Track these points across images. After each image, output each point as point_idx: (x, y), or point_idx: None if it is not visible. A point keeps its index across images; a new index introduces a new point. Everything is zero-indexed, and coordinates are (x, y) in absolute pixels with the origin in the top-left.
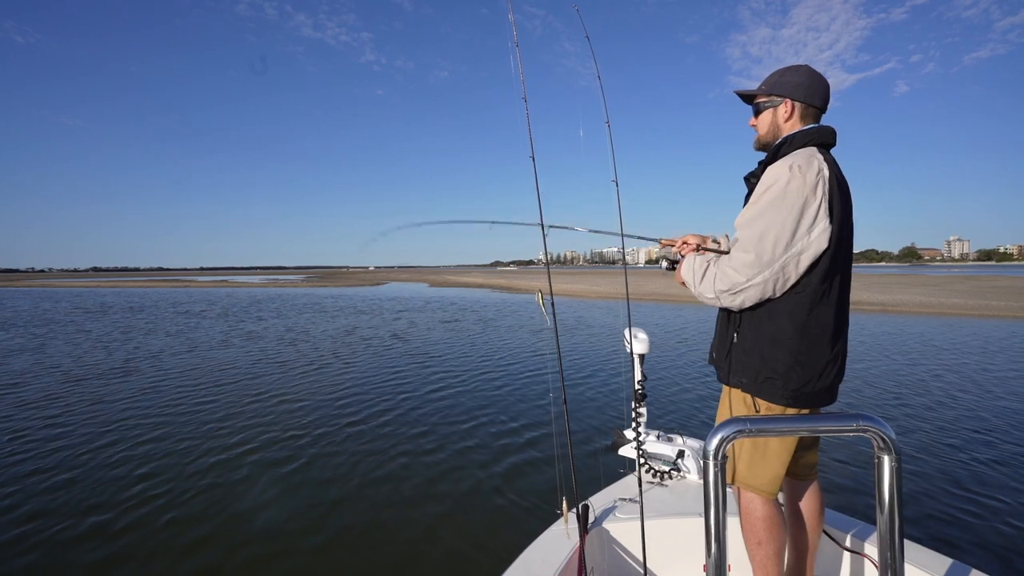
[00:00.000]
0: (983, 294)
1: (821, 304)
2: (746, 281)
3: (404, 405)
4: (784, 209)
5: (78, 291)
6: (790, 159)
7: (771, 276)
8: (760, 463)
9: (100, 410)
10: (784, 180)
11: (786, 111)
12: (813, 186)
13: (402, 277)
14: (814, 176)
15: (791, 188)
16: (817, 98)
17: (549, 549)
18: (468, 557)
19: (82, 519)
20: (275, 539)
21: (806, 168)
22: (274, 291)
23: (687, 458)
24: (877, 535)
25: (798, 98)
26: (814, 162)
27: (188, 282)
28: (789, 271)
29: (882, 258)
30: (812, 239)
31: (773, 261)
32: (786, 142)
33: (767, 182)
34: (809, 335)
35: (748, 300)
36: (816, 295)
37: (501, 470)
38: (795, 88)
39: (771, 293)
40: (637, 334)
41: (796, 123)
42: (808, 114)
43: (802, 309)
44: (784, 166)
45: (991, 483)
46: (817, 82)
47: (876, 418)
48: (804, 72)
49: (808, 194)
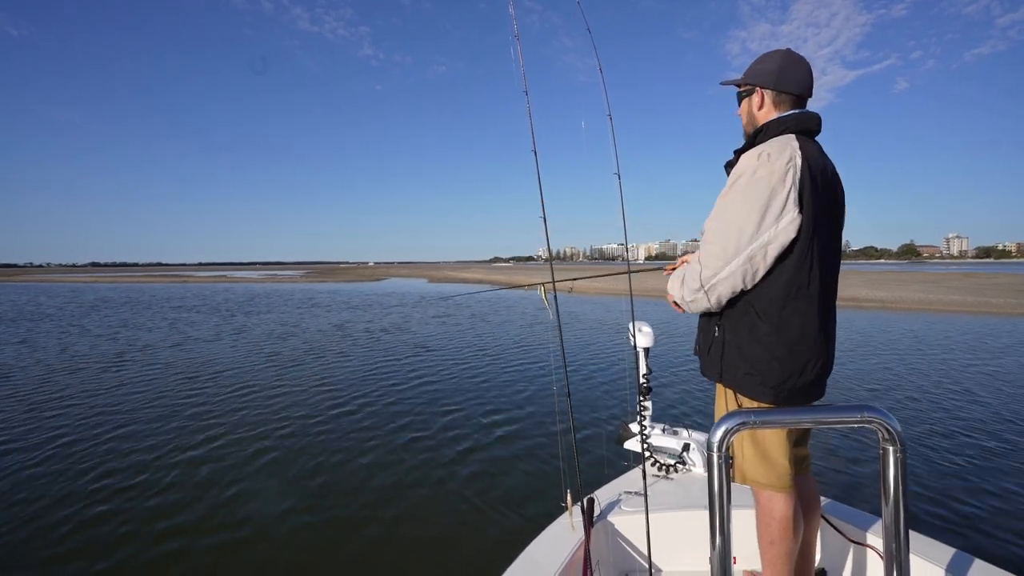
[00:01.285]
0: (982, 291)
1: (797, 298)
2: (713, 275)
3: (407, 400)
4: (751, 199)
5: (75, 286)
6: (762, 147)
7: (738, 267)
8: (764, 459)
9: (70, 405)
10: (752, 169)
11: (758, 100)
12: (782, 175)
13: (402, 273)
14: (783, 164)
15: (758, 177)
16: (791, 85)
17: (554, 542)
18: (472, 552)
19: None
20: (275, 536)
21: (776, 156)
22: (272, 287)
23: (693, 451)
24: (882, 526)
25: (768, 86)
26: (787, 150)
27: (186, 277)
28: (757, 262)
29: (881, 255)
30: (779, 229)
31: (739, 252)
32: (762, 130)
33: (737, 172)
34: (785, 330)
35: (723, 295)
36: (790, 288)
37: (506, 463)
38: (765, 76)
39: (742, 285)
40: (641, 328)
41: (770, 111)
42: (782, 101)
43: (775, 303)
44: (754, 155)
45: (996, 473)
46: (790, 67)
47: (881, 409)
48: (776, 59)
49: (776, 183)
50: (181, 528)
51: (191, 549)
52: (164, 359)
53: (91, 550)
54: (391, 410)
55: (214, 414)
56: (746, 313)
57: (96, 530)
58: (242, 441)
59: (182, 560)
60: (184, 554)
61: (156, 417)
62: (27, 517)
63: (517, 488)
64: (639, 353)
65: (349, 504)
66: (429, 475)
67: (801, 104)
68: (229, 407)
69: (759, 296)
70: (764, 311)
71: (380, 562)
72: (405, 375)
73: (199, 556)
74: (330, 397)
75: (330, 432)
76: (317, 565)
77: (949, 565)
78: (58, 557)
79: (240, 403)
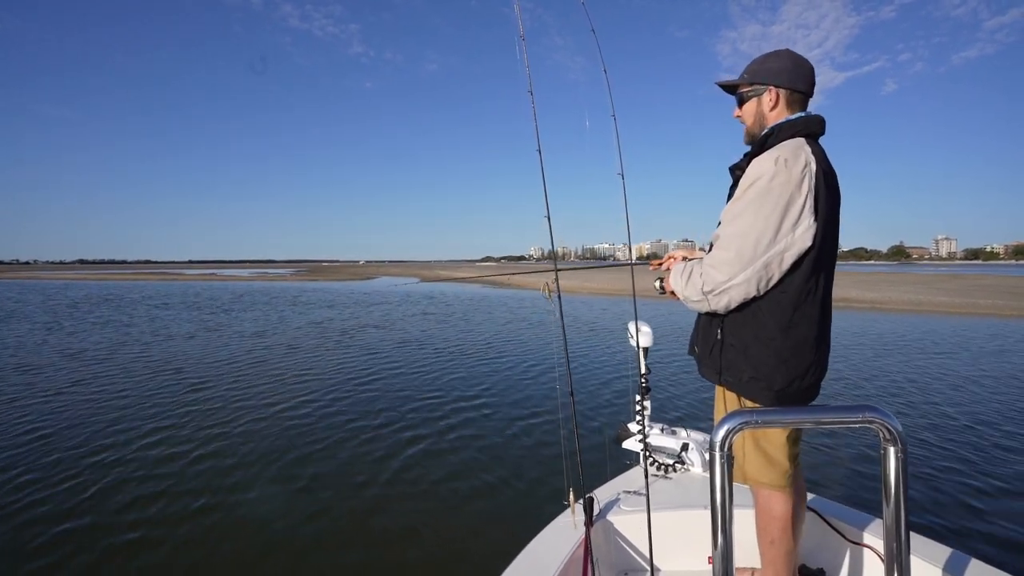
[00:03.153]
0: (970, 292)
1: (806, 303)
2: (727, 280)
3: (409, 399)
4: (768, 205)
5: (62, 283)
6: (776, 151)
7: (753, 274)
8: (766, 459)
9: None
10: (769, 175)
11: (771, 99)
12: (799, 181)
13: (393, 271)
14: (800, 171)
15: (776, 183)
16: (801, 82)
17: (555, 540)
18: (474, 548)
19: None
20: (274, 537)
21: (792, 162)
22: (260, 284)
23: (691, 451)
24: (883, 526)
25: (782, 84)
26: (801, 155)
27: (175, 275)
28: (772, 269)
29: (871, 256)
30: (796, 237)
31: (755, 259)
32: (772, 132)
33: (752, 176)
34: (793, 335)
35: (734, 300)
36: (800, 294)
37: (507, 462)
38: (778, 74)
39: (755, 292)
40: (641, 327)
41: (783, 111)
42: (794, 100)
43: (786, 308)
44: (770, 159)
45: (996, 474)
46: (800, 66)
47: (882, 409)
48: (786, 57)
49: (793, 190)
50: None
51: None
52: (136, 357)
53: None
54: (390, 409)
55: (227, 419)
56: (754, 318)
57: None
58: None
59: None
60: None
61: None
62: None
63: (518, 486)
64: (639, 353)
65: (348, 502)
66: (431, 471)
67: (807, 104)
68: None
69: (770, 301)
70: (774, 316)
71: (381, 559)
72: (408, 373)
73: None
74: (323, 394)
75: (330, 431)
76: (316, 565)
77: (949, 566)
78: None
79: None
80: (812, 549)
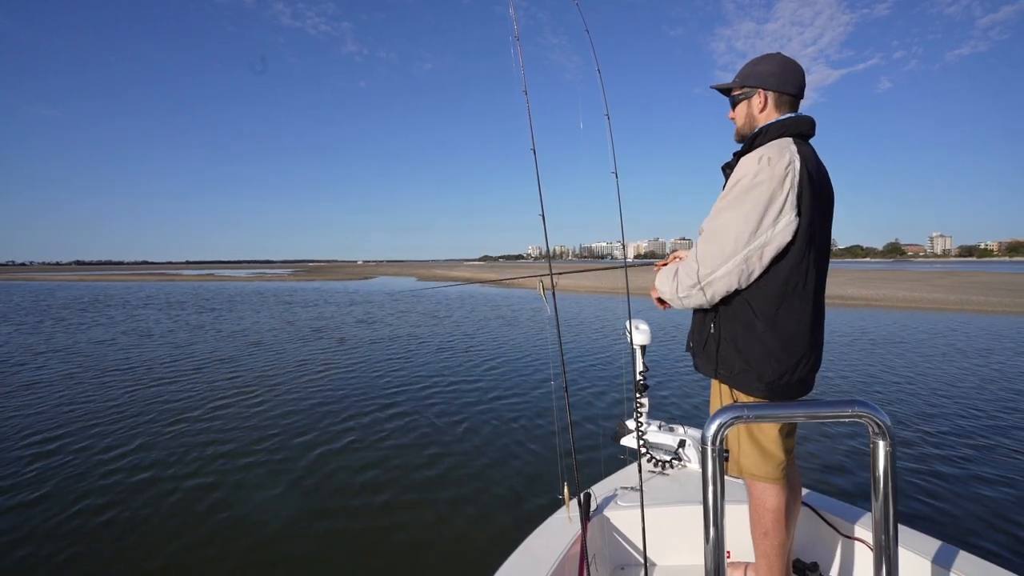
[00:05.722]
0: (964, 289)
1: (792, 297)
2: (710, 273)
3: (405, 397)
4: (750, 202)
5: (55, 285)
6: (762, 150)
7: (735, 267)
8: (761, 452)
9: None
10: (752, 172)
11: (760, 101)
12: (781, 179)
13: (391, 271)
14: (783, 168)
15: (758, 180)
16: (790, 85)
17: (552, 536)
18: (472, 544)
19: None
20: (263, 533)
21: (776, 160)
22: (258, 285)
23: (688, 447)
24: (872, 519)
25: (770, 87)
26: (785, 154)
27: (173, 276)
28: (753, 263)
29: (867, 254)
30: (776, 232)
31: (736, 252)
32: (761, 133)
33: (738, 174)
34: (780, 328)
35: (717, 293)
36: (785, 287)
37: (503, 459)
38: (767, 77)
39: (737, 284)
40: (638, 325)
41: (771, 112)
42: (783, 102)
43: (771, 302)
44: (755, 158)
45: (983, 468)
46: (789, 69)
47: (871, 404)
48: (775, 61)
49: (775, 187)
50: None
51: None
52: (123, 356)
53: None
54: (390, 408)
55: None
56: (743, 310)
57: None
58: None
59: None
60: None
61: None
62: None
63: (514, 482)
64: (635, 350)
65: (347, 500)
66: (428, 466)
67: (797, 106)
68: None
69: (756, 294)
70: (761, 309)
71: (379, 555)
72: (406, 371)
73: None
74: (318, 392)
75: (328, 430)
76: (316, 563)
77: (936, 557)
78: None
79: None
80: (806, 543)
